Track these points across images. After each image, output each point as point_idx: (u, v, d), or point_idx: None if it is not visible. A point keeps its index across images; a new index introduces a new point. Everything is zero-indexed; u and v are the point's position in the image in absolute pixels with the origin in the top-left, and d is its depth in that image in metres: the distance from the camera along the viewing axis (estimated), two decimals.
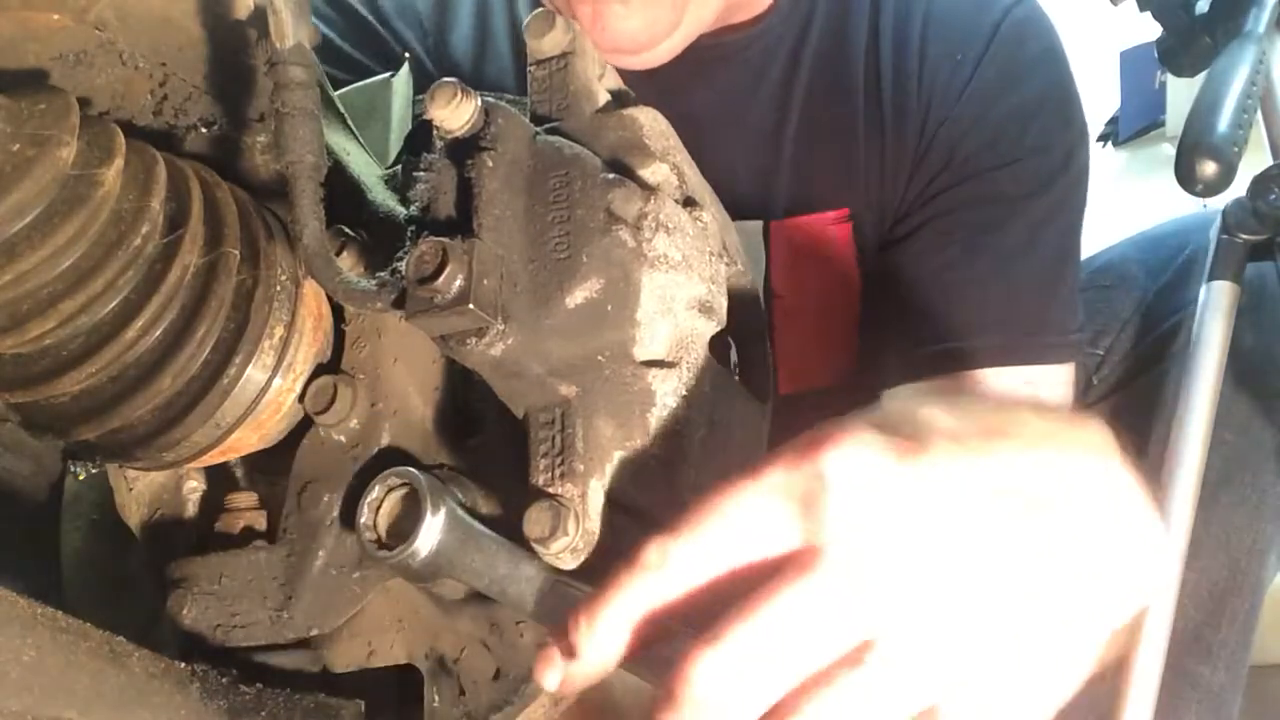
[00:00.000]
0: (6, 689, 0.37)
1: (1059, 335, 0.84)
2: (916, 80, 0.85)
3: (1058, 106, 0.85)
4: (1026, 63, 0.85)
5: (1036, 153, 0.83)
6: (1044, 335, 0.83)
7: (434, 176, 0.50)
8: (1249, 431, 0.90)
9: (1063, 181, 0.84)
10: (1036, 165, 0.83)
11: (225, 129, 0.58)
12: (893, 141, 0.86)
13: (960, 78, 0.85)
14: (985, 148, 0.84)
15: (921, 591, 0.38)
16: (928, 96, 0.85)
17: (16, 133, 0.45)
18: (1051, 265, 0.84)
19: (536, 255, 0.48)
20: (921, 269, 0.86)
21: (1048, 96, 0.85)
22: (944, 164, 0.85)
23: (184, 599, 0.54)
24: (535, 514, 0.45)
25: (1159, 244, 1.04)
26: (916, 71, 0.86)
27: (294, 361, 0.53)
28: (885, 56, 0.87)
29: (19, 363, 0.48)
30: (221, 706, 0.48)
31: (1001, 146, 0.83)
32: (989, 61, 0.85)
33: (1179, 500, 0.85)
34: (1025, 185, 0.83)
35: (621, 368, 0.48)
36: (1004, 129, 0.84)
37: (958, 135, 0.84)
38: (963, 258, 0.83)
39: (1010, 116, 0.84)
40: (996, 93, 0.84)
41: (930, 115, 0.85)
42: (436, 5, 0.93)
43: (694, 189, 0.55)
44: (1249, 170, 0.89)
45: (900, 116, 0.86)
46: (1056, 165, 0.84)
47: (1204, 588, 0.89)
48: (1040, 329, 0.83)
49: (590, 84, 0.56)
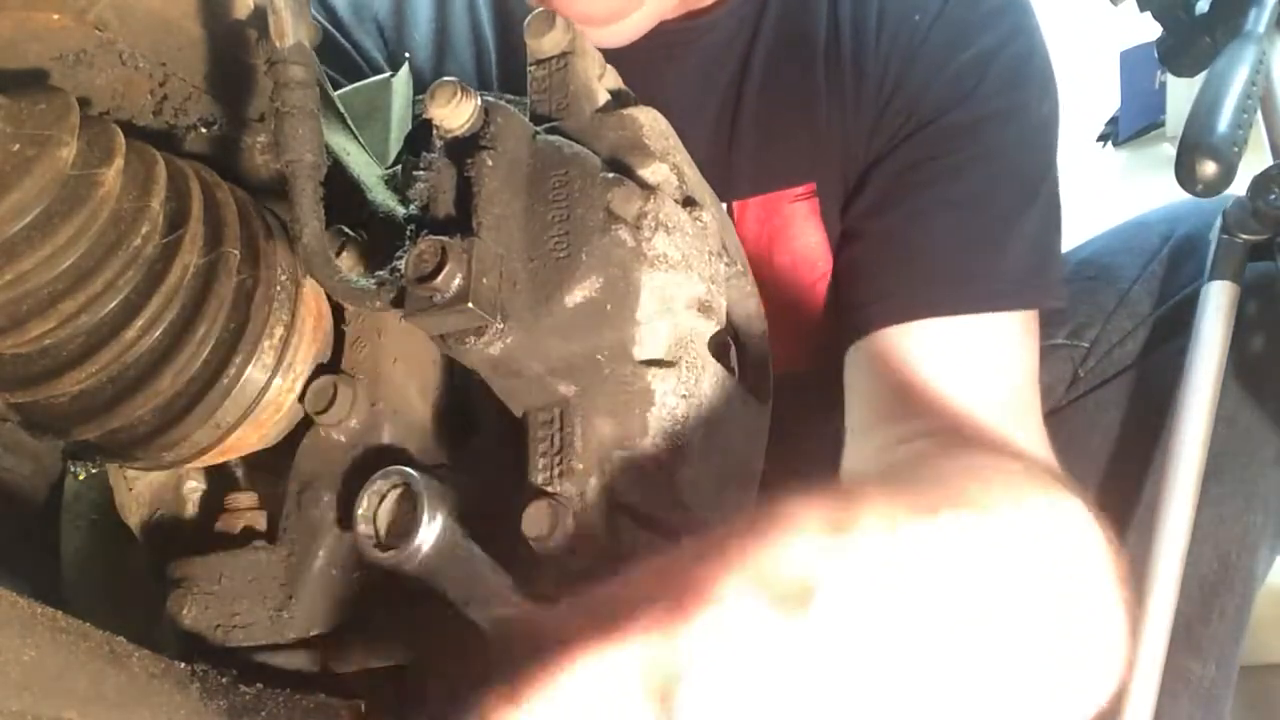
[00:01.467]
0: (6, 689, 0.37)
1: (1014, 282, 0.80)
2: (874, 43, 0.85)
3: (1014, 58, 0.83)
4: (982, 16, 0.84)
5: (990, 101, 0.82)
6: (995, 282, 0.79)
7: (434, 176, 0.50)
8: (1237, 422, 0.89)
9: (1018, 130, 0.82)
10: (990, 114, 0.82)
11: (225, 129, 0.58)
12: (853, 107, 0.86)
13: (917, 36, 0.84)
14: (940, 100, 0.83)
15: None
16: (885, 58, 0.85)
17: (16, 133, 0.45)
18: (1008, 213, 0.81)
19: (536, 254, 0.48)
20: (873, 225, 0.84)
21: (1003, 48, 0.83)
22: (901, 123, 0.84)
23: (184, 599, 0.54)
24: (534, 512, 0.45)
25: (1145, 230, 1.02)
26: (874, 34, 0.85)
27: (294, 361, 0.53)
28: (845, 23, 0.86)
29: (19, 363, 0.48)
30: (221, 706, 0.47)
31: (954, 98, 0.82)
32: (945, 18, 0.84)
33: (1178, 501, 0.85)
34: (979, 135, 0.82)
35: (621, 367, 0.48)
36: (958, 81, 0.82)
37: (914, 93, 0.84)
38: (913, 210, 0.82)
39: (964, 69, 0.83)
40: (952, 47, 0.83)
41: (888, 77, 0.85)
42: (395, 9, 0.94)
43: (694, 189, 0.55)
44: (1249, 170, 0.89)
45: (859, 81, 0.85)
46: (1013, 113, 0.82)
47: (1194, 582, 0.88)
48: (993, 276, 0.79)
49: (590, 84, 0.56)
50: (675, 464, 0.49)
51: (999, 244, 0.80)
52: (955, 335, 0.79)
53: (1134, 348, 0.95)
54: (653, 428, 0.48)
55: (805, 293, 0.90)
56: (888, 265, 0.82)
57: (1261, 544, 0.90)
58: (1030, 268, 0.81)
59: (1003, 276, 0.80)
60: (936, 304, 0.79)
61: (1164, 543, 0.85)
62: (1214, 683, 0.89)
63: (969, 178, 0.81)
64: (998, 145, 0.82)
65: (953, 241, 0.80)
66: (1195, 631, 0.89)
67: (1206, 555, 0.89)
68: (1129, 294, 0.97)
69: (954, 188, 0.81)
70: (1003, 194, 0.81)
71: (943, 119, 0.82)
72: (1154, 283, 0.97)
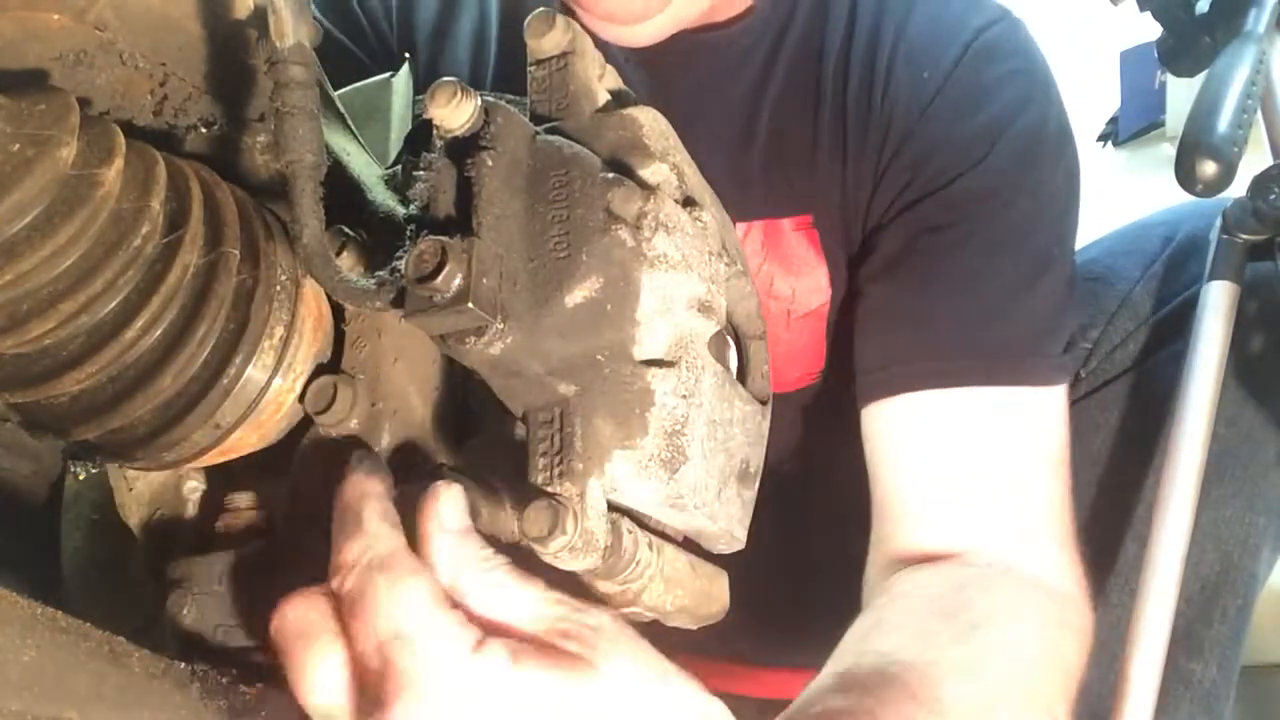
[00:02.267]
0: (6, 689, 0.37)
1: (1016, 356, 0.80)
2: (881, 95, 0.84)
3: (1026, 130, 0.82)
4: (993, 82, 0.83)
5: (1000, 174, 0.81)
6: (997, 357, 0.79)
7: (434, 176, 0.50)
8: (1239, 423, 0.89)
9: (1030, 204, 0.81)
10: (1001, 187, 0.81)
11: (225, 129, 0.58)
12: (854, 154, 0.85)
13: (925, 95, 0.83)
14: (948, 167, 0.82)
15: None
16: (889, 112, 0.84)
17: (16, 133, 0.45)
18: (1016, 287, 0.81)
19: (536, 254, 0.48)
20: (877, 291, 0.84)
21: (1016, 118, 0.82)
22: (907, 183, 0.83)
23: (184, 599, 0.54)
24: (533, 513, 0.45)
25: (1147, 231, 1.02)
26: (882, 85, 0.84)
27: (294, 361, 0.53)
28: (854, 68, 0.86)
29: (19, 363, 0.48)
30: (221, 706, 0.47)
31: (964, 164, 0.81)
32: (955, 81, 0.83)
33: (1178, 502, 0.85)
34: (989, 207, 0.81)
35: (621, 367, 0.48)
36: (967, 149, 0.81)
37: (921, 154, 0.83)
38: (919, 280, 0.82)
39: (975, 136, 0.82)
40: (961, 112, 0.82)
41: (891, 131, 0.84)
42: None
43: (694, 189, 0.55)
44: (1249, 170, 0.89)
45: (862, 129, 0.85)
46: (1024, 189, 0.81)
47: (1195, 583, 0.88)
48: (995, 351, 0.79)
49: (590, 84, 0.56)
50: (675, 464, 0.49)
51: (1006, 317, 0.80)
52: (957, 408, 0.79)
53: (1135, 349, 0.96)
54: (653, 428, 0.48)
55: (804, 316, 0.90)
56: (888, 335, 0.82)
57: (1263, 545, 0.90)
58: (1033, 339, 0.80)
59: (1004, 352, 0.79)
60: (936, 377, 0.79)
61: (1164, 544, 0.85)
62: (1215, 684, 0.89)
63: (976, 250, 0.81)
64: (1007, 219, 0.81)
65: (957, 314, 0.80)
66: (1197, 633, 0.89)
67: (1208, 556, 0.89)
68: (1130, 296, 0.97)
69: (962, 260, 0.81)
70: (1010, 268, 0.81)
71: (952, 186, 0.81)
72: (1155, 284, 0.97)
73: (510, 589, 0.44)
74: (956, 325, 0.80)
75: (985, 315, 0.80)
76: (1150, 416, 0.91)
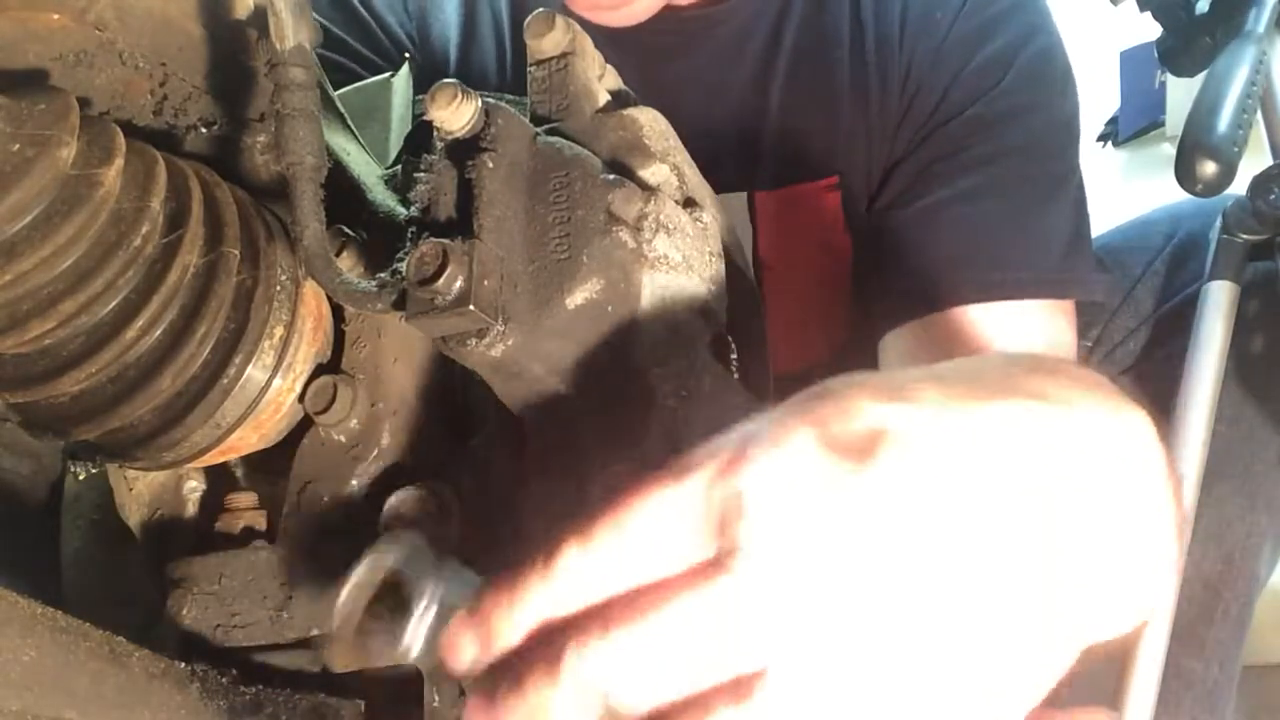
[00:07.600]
0: (6, 689, 0.37)
1: (1044, 270, 0.81)
2: (898, 42, 0.86)
3: (1036, 54, 0.85)
4: (1002, 11, 0.86)
5: (1013, 96, 0.83)
6: (1023, 270, 0.80)
7: (434, 177, 0.50)
8: (1239, 423, 0.89)
9: (1043, 125, 0.84)
10: (1015, 109, 0.83)
11: (225, 129, 0.58)
12: (877, 104, 0.87)
13: (938, 35, 0.85)
14: (963, 96, 0.84)
15: (836, 628, 0.33)
16: (909, 57, 0.86)
17: (16, 133, 0.45)
18: (1035, 204, 0.83)
19: (537, 256, 0.48)
20: (899, 217, 0.85)
21: (1025, 44, 0.85)
22: (925, 120, 0.85)
23: (184, 599, 0.54)
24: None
25: (1148, 229, 1.03)
26: (898, 35, 0.86)
27: (294, 361, 0.53)
28: (867, 21, 0.87)
29: (19, 363, 0.48)
30: (221, 706, 0.48)
31: (978, 92, 0.84)
32: (964, 16, 0.85)
33: None
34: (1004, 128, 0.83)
35: (621, 368, 0.48)
36: (981, 76, 0.84)
37: (939, 91, 0.85)
38: (940, 201, 0.83)
39: (987, 64, 0.84)
40: (972, 45, 0.85)
41: (911, 75, 0.86)
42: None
43: (694, 189, 0.55)
44: (1249, 170, 0.89)
45: (884, 79, 0.86)
46: (1037, 109, 0.84)
47: (1197, 582, 0.88)
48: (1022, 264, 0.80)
49: (590, 84, 0.56)
50: None
51: (1029, 233, 0.82)
52: (985, 323, 0.79)
53: (1136, 347, 0.96)
54: (653, 428, 0.48)
55: (827, 284, 0.90)
56: (914, 256, 0.83)
57: (1264, 545, 0.90)
58: (1061, 257, 0.82)
59: (1032, 265, 0.81)
60: (964, 292, 0.80)
61: None
62: (1216, 683, 0.89)
63: (995, 169, 0.82)
64: (1023, 139, 0.83)
65: (981, 230, 0.81)
66: (1198, 632, 0.89)
67: (1209, 555, 0.89)
68: (1132, 293, 0.97)
69: (981, 178, 0.82)
70: (1029, 186, 0.82)
71: (967, 113, 0.83)
72: (1157, 282, 0.97)
73: None
74: (980, 241, 0.81)
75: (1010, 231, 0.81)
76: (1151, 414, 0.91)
